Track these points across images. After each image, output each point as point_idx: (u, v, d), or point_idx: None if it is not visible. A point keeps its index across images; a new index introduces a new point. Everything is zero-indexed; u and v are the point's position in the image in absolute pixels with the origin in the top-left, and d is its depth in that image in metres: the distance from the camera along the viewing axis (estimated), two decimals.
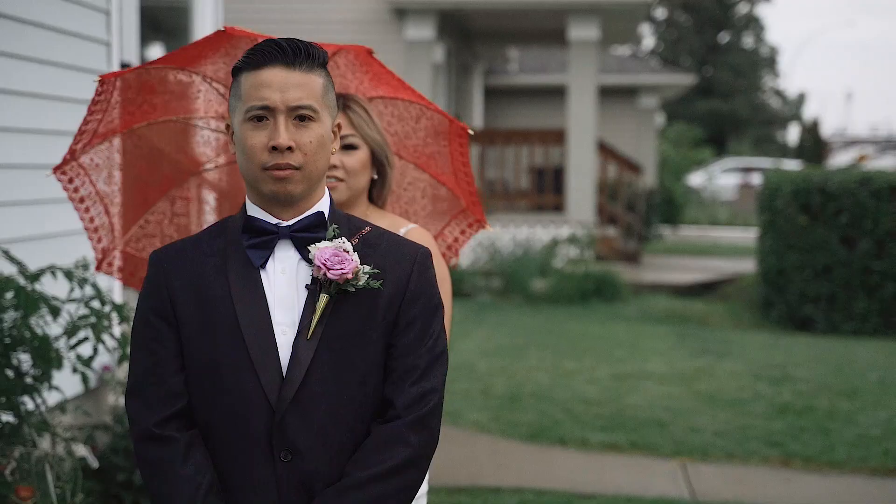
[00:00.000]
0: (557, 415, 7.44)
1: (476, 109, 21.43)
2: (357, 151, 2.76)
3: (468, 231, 3.08)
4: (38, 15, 4.95)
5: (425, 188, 3.07)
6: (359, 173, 2.76)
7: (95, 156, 3.04)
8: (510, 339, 10.43)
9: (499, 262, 13.84)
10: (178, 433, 2.17)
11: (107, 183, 3.06)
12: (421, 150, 2.97)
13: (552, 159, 16.13)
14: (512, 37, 19.24)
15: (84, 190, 3.07)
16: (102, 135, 2.94)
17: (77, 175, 3.05)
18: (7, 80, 4.63)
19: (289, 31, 13.40)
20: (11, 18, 4.80)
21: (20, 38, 4.82)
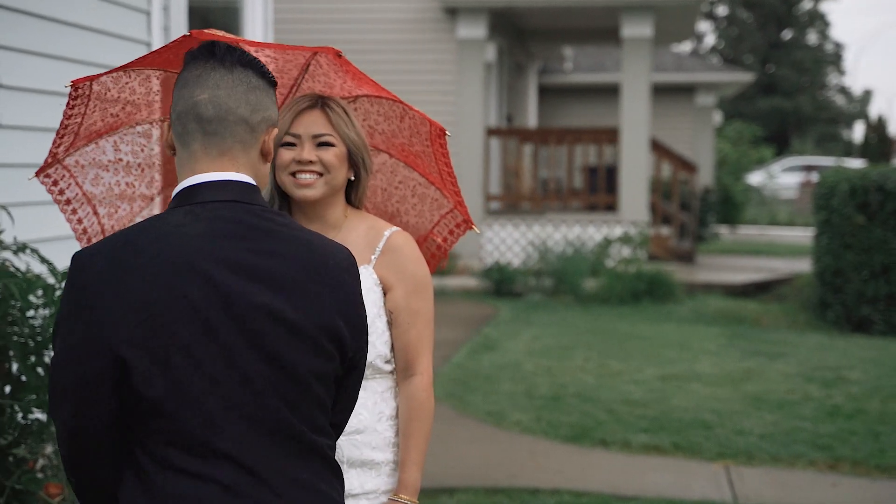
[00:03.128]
0: (600, 416, 7.37)
1: (530, 108, 21.36)
2: (333, 148, 2.75)
3: (456, 231, 3.05)
4: (78, 16, 5.01)
5: (415, 187, 3.06)
6: (336, 168, 2.74)
7: (81, 157, 3.03)
8: (558, 340, 10.37)
9: (550, 261, 13.77)
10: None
11: (93, 184, 3.05)
12: (408, 149, 2.97)
13: (605, 158, 16.02)
14: (565, 35, 19.15)
15: (70, 192, 3.07)
16: (86, 137, 2.94)
17: (62, 177, 3.05)
18: (45, 80, 4.68)
19: (339, 31, 13.60)
20: (50, 20, 4.86)
21: (59, 39, 4.87)
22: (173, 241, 1.92)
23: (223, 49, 2.02)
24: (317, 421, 2.02)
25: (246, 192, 2.01)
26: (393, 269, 2.79)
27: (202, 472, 1.91)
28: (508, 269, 13.74)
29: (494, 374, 8.68)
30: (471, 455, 6.49)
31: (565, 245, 14.17)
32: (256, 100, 2.02)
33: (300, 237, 2.03)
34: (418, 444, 2.76)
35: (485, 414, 7.42)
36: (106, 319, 1.89)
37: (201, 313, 1.90)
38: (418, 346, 2.80)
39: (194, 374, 1.91)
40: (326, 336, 2.00)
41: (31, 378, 3.81)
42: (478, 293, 13.75)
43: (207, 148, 2.00)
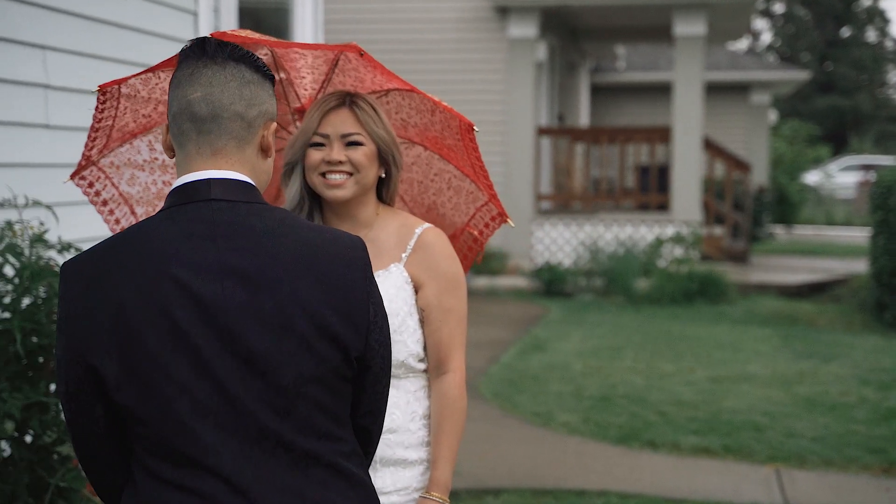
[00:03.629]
0: (650, 417, 7.29)
1: (582, 107, 21.25)
2: (362, 147, 2.72)
3: (491, 224, 3.01)
4: (125, 17, 5.04)
5: (450, 179, 3.02)
6: (366, 167, 2.72)
7: (115, 158, 3.04)
8: (608, 340, 10.29)
9: (600, 261, 13.68)
10: None
11: (130, 184, 3.06)
12: (441, 142, 2.93)
13: (658, 157, 15.89)
14: (618, 34, 19.02)
15: (106, 193, 3.08)
16: (119, 138, 2.94)
17: (97, 179, 3.06)
18: (92, 80, 4.71)
19: (389, 31, 13.62)
20: (97, 20, 4.89)
21: (105, 40, 4.91)
22: (147, 246, 1.88)
23: (213, 45, 1.97)
24: (318, 426, 1.92)
25: (234, 189, 1.94)
26: (424, 266, 2.75)
27: (181, 482, 1.86)
28: (559, 269, 13.67)
29: (543, 375, 8.63)
30: (517, 456, 6.45)
31: (617, 245, 14.07)
32: (251, 94, 1.97)
33: (289, 233, 1.93)
34: (450, 442, 2.73)
35: (532, 414, 7.38)
36: (80, 329, 1.87)
37: (170, 318, 1.84)
38: (450, 344, 2.76)
39: (163, 382, 1.85)
40: (317, 334, 1.89)
41: None
42: (528, 293, 13.69)
43: (200, 148, 1.95)
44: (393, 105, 2.94)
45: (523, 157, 14.82)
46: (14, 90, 4.47)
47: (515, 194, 14.74)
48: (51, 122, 4.63)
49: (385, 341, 2.03)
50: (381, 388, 2.06)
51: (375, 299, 1.99)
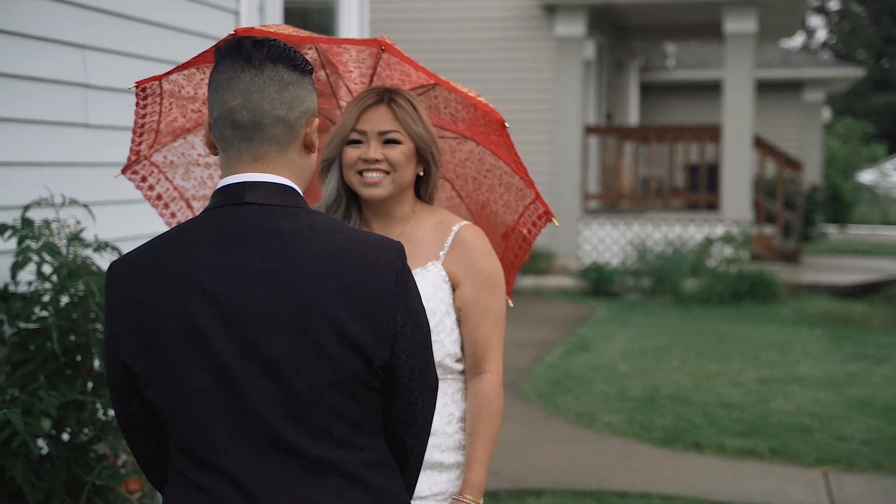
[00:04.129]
0: (695, 418, 7.20)
1: (632, 106, 21.10)
2: (400, 145, 2.67)
3: (538, 223, 2.92)
4: (164, 16, 5.05)
5: (501, 176, 2.95)
6: (403, 166, 2.67)
7: (169, 153, 3.03)
8: (654, 340, 10.19)
9: (648, 261, 13.56)
10: None
11: (185, 178, 3.05)
12: (487, 138, 2.87)
13: (707, 156, 15.73)
14: (667, 32, 18.85)
15: (160, 187, 3.07)
16: (170, 133, 2.93)
17: (150, 173, 3.05)
18: (132, 80, 4.73)
19: (436, 30, 13.61)
20: (137, 20, 4.91)
21: (145, 39, 4.92)
22: (177, 248, 1.89)
23: (249, 46, 1.92)
24: (337, 434, 1.88)
25: (270, 192, 1.92)
26: (461, 264, 2.70)
27: (199, 482, 1.88)
28: (606, 269, 13.57)
29: (587, 375, 8.56)
30: (559, 456, 6.40)
31: (665, 245, 13.94)
32: (291, 96, 1.93)
33: (319, 237, 1.89)
34: (486, 443, 2.67)
35: (576, 415, 7.31)
36: (115, 328, 1.91)
37: (190, 321, 1.85)
38: (487, 344, 2.70)
39: (181, 383, 1.86)
40: (336, 341, 1.85)
41: None
42: (574, 293, 13.60)
43: (242, 154, 1.93)
44: (441, 100, 2.88)
45: (570, 157, 14.74)
46: (54, 89, 4.49)
47: (562, 193, 14.66)
48: (90, 121, 4.65)
49: (417, 352, 1.95)
50: (413, 398, 1.99)
51: (407, 307, 1.93)
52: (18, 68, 4.29)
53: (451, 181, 3.08)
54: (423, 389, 1.99)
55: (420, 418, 2.03)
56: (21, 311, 3.83)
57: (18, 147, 4.29)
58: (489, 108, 2.71)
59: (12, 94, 4.26)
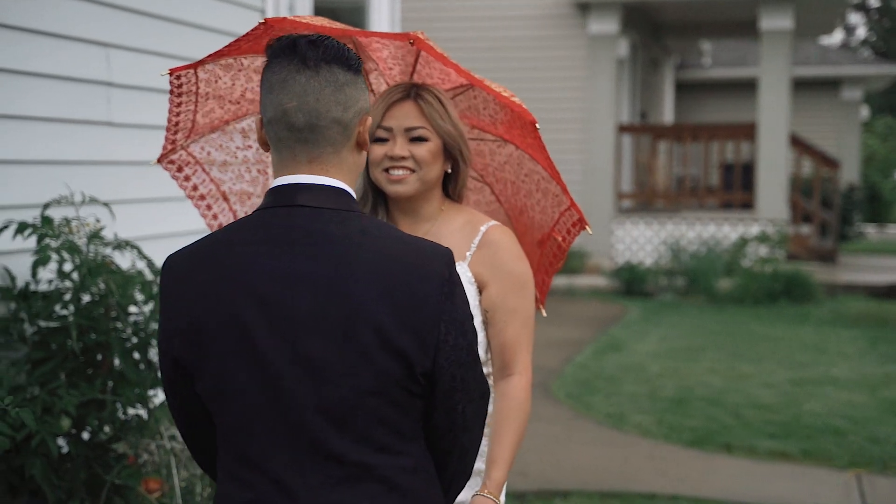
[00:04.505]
0: (726, 420, 7.11)
1: (667, 104, 20.95)
2: (427, 142, 2.61)
3: (572, 231, 2.82)
4: (189, 14, 5.04)
5: (539, 181, 2.86)
6: (429, 164, 2.61)
7: (207, 144, 3.01)
8: (687, 341, 10.09)
9: (682, 260, 13.45)
10: None
11: (221, 170, 3.02)
12: (525, 141, 2.79)
13: (742, 155, 15.58)
14: (702, 29, 18.70)
15: (196, 178, 3.05)
16: (208, 124, 2.90)
17: (186, 164, 3.02)
18: (156, 78, 4.72)
19: (468, 28, 13.53)
20: (161, 18, 4.90)
21: (169, 37, 4.92)
22: (228, 247, 1.90)
23: (304, 46, 1.89)
24: (377, 439, 1.87)
25: (323, 195, 1.91)
26: (489, 265, 2.63)
27: (244, 479, 1.89)
28: (639, 269, 13.47)
29: (618, 376, 8.49)
30: (587, 457, 6.34)
31: (699, 244, 13.82)
32: (346, 97, 1.92)
33: (368, 242, 1.88)
34: (511, 444, 2.58)
35: (605, 416, 7.25)
36: (166, 323, 1.93)
37: (237, 322, 1.85)
38: (515, 346, 2.64)
39: (227, 382, 1.87)
40: (380, 347, 1.84)
41: (131, 373, 3.83)
42: (607, 293, 13.52)
43: (297, 155, 1.92)
44: (480, 100, 2.81)
45: (604, 155, 14.65)
46: (77, 88, 4.49)
47: (595, 192, 14.58)
48: (113, 119, 4.65)
49: (461, 359, 1.93)
50: (454, 404, 1.96)
51: (451, 317, 1.90)
52: (42, 66, 4.29)
53: (490, 185, 3.02)
54: (465, 395, 1.97)
55: (462, 424, 2.00)
56: (41, 309, 3.83)
57: (41, 145, 4.30)
58: (521, 109, 2.61)
59: (35, 92, 4.26)
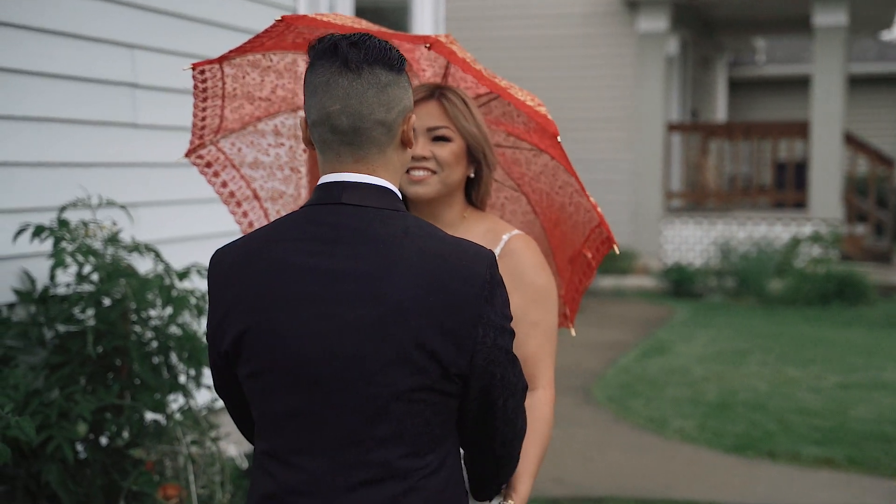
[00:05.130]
0: (769, 425, 6.95)
1: (719, 102, 20.67)
2: (450, 143, 2.52)
3: (601, 249, 2.69)
4: (214, 14, 5.00)
5: (572, 194, 2.72)
6: (452, 166, 2.52)
7: (237, 141, 2.95)
8: (734, 343, 9.90)
9: (732, 261, 13.22)
10: None
11: (252, 168, 2.97)
12: (554, 150, 2.67)
13: (795, 153, 15.31)
14: (755, 26, 18.39)
15: (226, 174, 3.00)
16: (238, 120, 2.84)
17: (216, 160, 2.98)
18: (181, 79, 4.68)
19: (515, 27, 13.42)
20: (187, 18, 4.87)
21: (197, 37, 4.87)
22: (272, 243, 1.94)
23: (346, 48, 1.90)
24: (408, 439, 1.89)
25: (367, 193, 1.94)
26: (510, 275, 2.51)
27: (269, 471, 1.94)
28: (688, 270, 13.28)
29: (661, 379, 8.34)
30: (625, 463, 6.21)
31: (750, 244, 13.58)
32: (389, 98, 1.93)
33: (411, 242, 1.89)
34: (535, 457, 2.47)
35: (645, 420, 7.11)
36: (213, 315, 1.98)
37: (277, 316, 1.89)
38: (538, 360, 2.53)
39: (264, 377, 1.92)
40: (416, 347, 1.85)
41: (149, 378, 3.79)
42: (655, 294, 13.34)
43: (342, 156, 1.95)
44: (514, 107, 2.71)
45: (653, 154, 14.46)
46: (102, 89, 4.46)
47: (644, 192, 14.40)
48: (138, 121, 4.61)
49: (499, 359, 1.94)
50: (494, 399, 1.98)
51: (490, 319, 1.90)
52: (66, 68, 4.26)
53: (527, 195, 2.91)
54: (505, 390, 1.99)
55: (504, 417, 2.02)
56: (59, 313, 3.80)
57: (65, 147, 4.27)
58: (545, 119, 2.49)
59: (60, 94, 4.24)
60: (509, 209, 2.97)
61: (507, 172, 2.92)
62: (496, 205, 2.99)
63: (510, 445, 2.09)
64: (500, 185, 2.96)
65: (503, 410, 2.00)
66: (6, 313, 3.92)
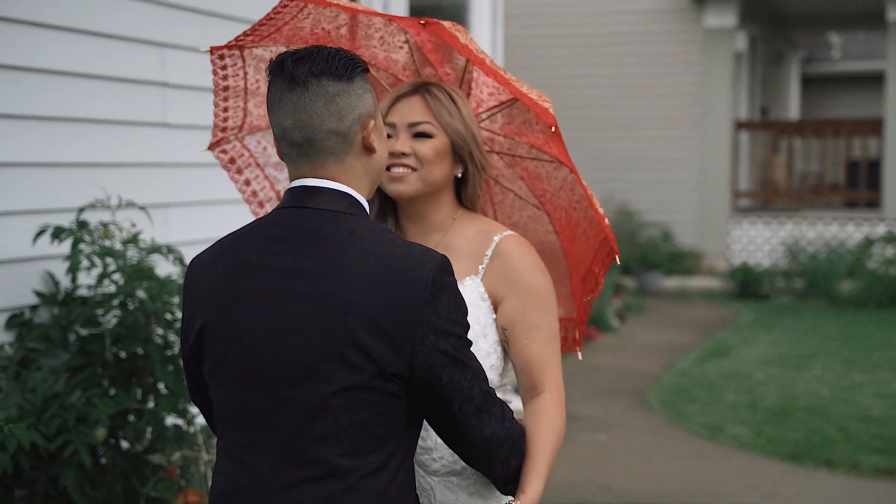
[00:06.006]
0: (829, 433, 6.71)
1: (792, 100, 20.23)
2: (431, 139, 2.39)
3: (606, 262, 2.51)
4: (248, 11, 4.93)
5: (587, 208, 2.54)
6: (433, 163, 2.38)
7: (263, 139, 2.87)
8: (798, 347, 9.63)
9: (802, 261, 12.90)
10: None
11: (277, 169, 2.88)
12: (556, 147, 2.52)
13: (869, 151, 14.90)
14: (829, 21, 17.95)
15: (249, 173, 2.91)
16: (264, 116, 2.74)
17: (240, 156, 2.89)
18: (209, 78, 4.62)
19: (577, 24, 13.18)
20: (218, 16, 4.81)
21: (229, 35, 4.81)
22: (237, 244, 2.02)
23: (291, 63, 1.98)
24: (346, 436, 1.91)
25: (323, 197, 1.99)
26: (503, 278, 2.38)
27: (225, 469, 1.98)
28: (755, 270, 12.98)
29: (719, 383, 8.12)
30: (675, 470, 6.03)
31: (821, 245, 13.23)
32: (339, 108, 1.98)
33: (357, 244, 1.93)
34: (545, 454, 2.30)
35: (699, 426, 6.91)
36: (184, 314, 2.07)
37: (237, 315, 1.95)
38: (542, 363, 2.38)
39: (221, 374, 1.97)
40: (351, 346, 1.89)
41: (169, 382, 3.73)
42: (720, 295, 13.06)
43: (300, 167, 2.02)
44: (533, 113, 2.53)
45: (720, 153, 14.18)
46: (133, 89, 4.42)
47: (711, 191, 14.12)
48: (169, 120, 4.56)
49: (441, 362, 1.94)
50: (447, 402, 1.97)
51: (432, 322, 1.91)
52: (96, 68, 4.23)
53: (549, 213, 2.72)
54: (459, 394, 1.98)
55: (464, 421, 2.02)
56: (79, 315, 3.76)
57: (95, 148, 4.24)
58: (541, 109, 2.32)
59: (90, 94, 4.21)
60: (531, 228, 2.80)
61: (530, 189, 2.74)
62: (519, 224, 2.83)
63: (486, 450, 2.09)
64: (524, 202, 2.80)
65: (461, 415, 1.99)
66: (29, 315, 3.89)
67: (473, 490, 2.40)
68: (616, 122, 14.65)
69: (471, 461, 2.11)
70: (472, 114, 2.46)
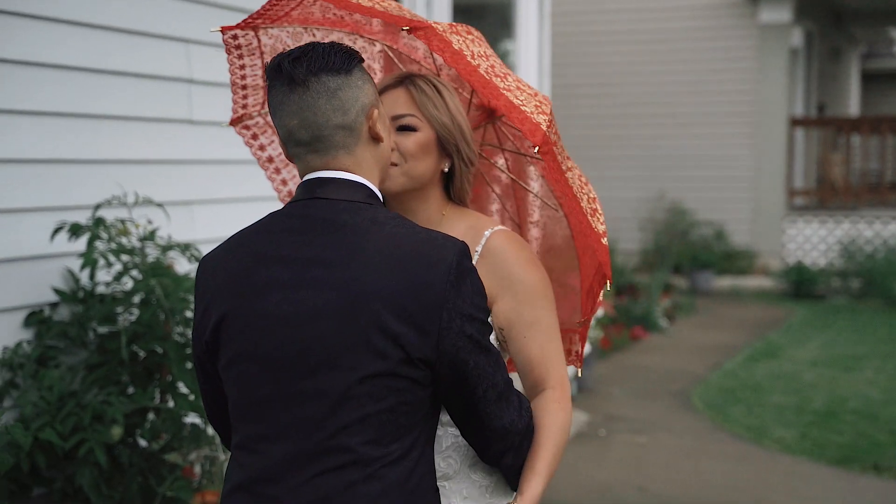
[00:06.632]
0: (878, 436, 6.52)
1: (851, 96, 19.85)
2: (415, 133, 2.31)
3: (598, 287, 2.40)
4: None
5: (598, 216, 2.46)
6: (416, 157, 2.30)
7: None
8: (851, 348, 9.40)
9: (858, 261, 12.61)
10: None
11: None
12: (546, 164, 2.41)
13: None
14: (888, 16, 17.59)
15: (273, 150, 2.87)
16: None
17: (263, 132, 2.85)
18: None
19: (628, 21, 13.04)
20: (246, 11, 4.77)
21: None
22: (250, 239, 2.00)
23: (288, 64, 1.97)
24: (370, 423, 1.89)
25: (338, 188, 1.99)
26: (495, 275, 2.29)
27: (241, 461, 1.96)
28: (809, 270, 12.72)
29: (766, 385, 7.94)
30: (717, 474, 5.89)
31: (879, 244, 12.94)
32: (342, 101, 1.98)
33: (378, 231, 1.93)
34: (545, 455, 2.22)
35: (744, 428, 6.76)
36: (196, 312, 2.05)
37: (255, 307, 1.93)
38: (544, 360, 2.29)
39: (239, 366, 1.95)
40: (378, 331, 1.87)
41: (186, 381, 3.69)
42: (773, 295, 12.83)
43: (311, 163, 2.02)
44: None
45: (775, 150, 13.93)
46: (158, 85, 4.40)
47: (766, 189, 13.88)
48: (194, 117, 4.54)
49: (467, 347, 1.94)
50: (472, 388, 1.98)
51: (457, 306, 1.91)
52: (122, 65, 4.21)
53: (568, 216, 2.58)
54: (483, 379, 1.99)
55: (485, 409, 2.02)
56: (97, 313, 3.73)
57: (120, 145, 4.22)
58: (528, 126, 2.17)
59: (115, 90, 4.19)
60: (549, 230, 2.71)
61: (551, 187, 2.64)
62: (539, 223, 2.73)
63: (505, 440, 2.09)
64: (543, 203, 2.71)
65: (484, 402, 2.00)
66: (48, 312, 3.87)
67: (466, 494, 2.32)
68: (668, 119, 14.46)
69: (487, 452, 2.11)
70: (461, 106, 2.38)
